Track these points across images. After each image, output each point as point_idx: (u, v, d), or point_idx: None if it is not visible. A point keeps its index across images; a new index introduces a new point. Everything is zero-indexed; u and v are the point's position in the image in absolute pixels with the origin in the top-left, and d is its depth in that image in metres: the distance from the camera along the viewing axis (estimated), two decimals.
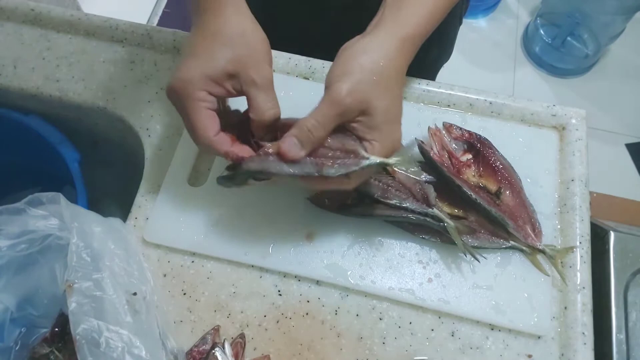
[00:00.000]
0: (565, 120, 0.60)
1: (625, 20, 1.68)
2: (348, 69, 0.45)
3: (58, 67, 0.64)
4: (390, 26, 0.47)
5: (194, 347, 0.48)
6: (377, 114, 0.44)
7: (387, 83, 0.45)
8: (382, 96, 0.45)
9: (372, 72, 0.44)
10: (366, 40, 0.47)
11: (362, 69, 0.44)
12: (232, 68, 0.45)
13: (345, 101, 0.43)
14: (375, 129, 0.45)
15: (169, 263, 0.54)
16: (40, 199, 0.48)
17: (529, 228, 0.53)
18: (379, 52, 0.45)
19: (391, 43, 0.46)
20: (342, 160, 0.45)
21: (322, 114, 0.44)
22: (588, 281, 0.52)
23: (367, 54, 0.45)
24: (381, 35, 0.47)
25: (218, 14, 0.47)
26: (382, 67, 0.45)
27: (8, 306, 0.53)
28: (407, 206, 0.51)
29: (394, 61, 0.46)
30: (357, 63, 0.45)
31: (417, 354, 0.50)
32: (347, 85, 0.44)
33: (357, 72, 0.44)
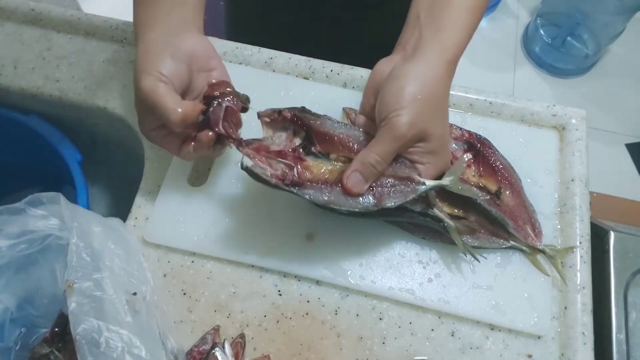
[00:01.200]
0: (565, 120, 0.60)
1: (625, 20, 1.68)
2: (405, 101, 0.45)
3: (58, 67, 0.64)
4: (435, 49, 0.48)
5: (194, 347, 0.48)
6: (434, 140, 0.46)
7: (441, 109, 0.48)
8: (438, 123, 0.47)
9: (429, 102, 0.45)
10: (414, 67, 0.47)
11: (418, 100, 0.45)
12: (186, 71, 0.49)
13: (407, 135, 0.45)
14: (431, 154, 0.47)
15: (169, 263, 0.54)
16: (40, 199, 0.48)
17: (529, 228, 0.53)
18: (431, 80, 0.46)
19: (440, 68, 0.47)
20: (399, 188, 0.46)
21: (384, 150, 0.45)
22: (588, 281, 0.52)
23: (420, 83, 0.46)
24: (428, 59, 0.47)
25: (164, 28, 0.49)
26: (436, 94, 0.46)
27: (8, 306, 0.53)
28: (407, 206, 0.51)
29: (444, 85, 0.47)
30: (412, 93, 0.45)
31: (417, 354, 0.50)
32: (407, 119, 0.44)
33: (414, 103, 0.45)
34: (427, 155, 0.47)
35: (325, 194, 0.45)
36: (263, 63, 0.63)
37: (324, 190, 0.45)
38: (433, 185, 0.46)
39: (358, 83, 0.62)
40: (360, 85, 0.61)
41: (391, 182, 0.46)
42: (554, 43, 1.84)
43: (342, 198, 0.45)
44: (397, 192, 0.45)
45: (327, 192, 0.45)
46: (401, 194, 0.45)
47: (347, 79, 0.62)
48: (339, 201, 0.45)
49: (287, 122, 0.48)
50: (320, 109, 0.58)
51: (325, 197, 0.45)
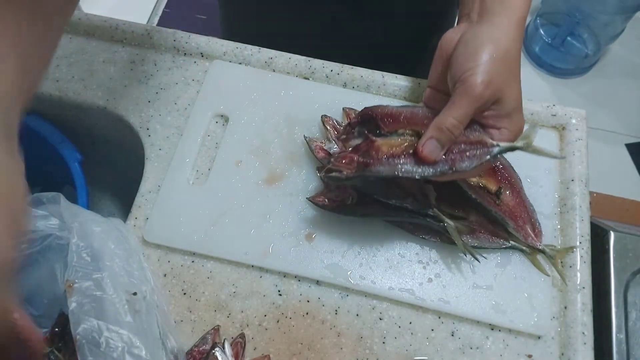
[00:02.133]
0: (565, 120, 0.60)
1: (625, 20, 1.68)
2: (480, 61, 0.44)
3: (58, 67, 0.64)
4: (502, 10, 0.47)
5: (194, 347, 0.48)
6: (509, 102, 0.45)
7: (515, 69, 0.46)
8: (513, 83, 0.45)
9: (503, 61, 0.45)
10: (485, 29, 0.46)
11: (493, 59, 0.44)
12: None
13: (484, 94, 0.44)
14: (506, 117, 0.45)
15: (169, 263, 0.54)
16: (40, 199, 0.48)
17: (529, 228, 0.53)
18: (503, 39, 0.45)
19: (510, 27, 0.46)
20: (472, 152, 0.45)
21: (462, 111, 0.44)
22: (588, 281, 0.52)
23: (493, 43, 0.45)
24: (497, 21, 0.46)
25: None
26: (510, 54, 0.45)
27: None
28: (407, 206, 0.51)
29: (516, 45, 0.46)
30: (486, 53, 0.44)
31: (417, 354, 0.50)
32: (484, 78, 0.43)
33: (489, 62, 0.44)
34: (502, 119, 0.45)
35: (397, 166, 0.45)
36: (263, 63, 0.63)
37: (395, 162, 0.46)
38: (507, 146, 0.45)
39: (358, 83, 0.62)
40: (360, 85, 0.62)
41: (463, 147, 0.45)
42: (553, 43, 1.84)
43: (415, 166, 0.45)
44: (471, 155, 0.45)
45: (399, 164, 0.45)
46: (475, 158, 0.45)
47: (347, 79, 0.62)
48: (412, 170, 0.45)
49: (357, 125, 0.51)
50: (320, 109, 0.58)
51: (397, 170, 0.45)
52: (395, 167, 0.45)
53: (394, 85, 0.61)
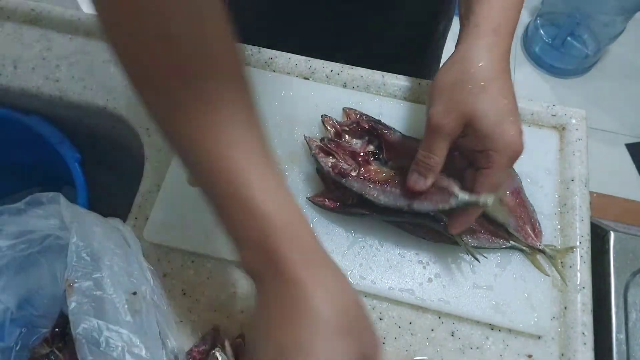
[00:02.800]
0: (565, 120, 0.60)
1: (625, 20, 1.68)
2: (438, 89, 0.44)
3: (58, 67, 0.64)
4: (470, 27, 0.45)
5: (194, 347, 0.48)
6: (480, 122, 0.42)
7: (482, 85, 0.43)
8: (480, 101, 0.42)
9: (460, 83, 0.43)
10: (453, 54, 0.46)
11: (450, 84, 0.43)
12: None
13: (443, 124, 0.43)
14: (485, 137, 0.42)
15: (169, 263, 0.54)
16: (40, 199, 0.48)
17: (529, 228, 0.53)
18: (464, 58, 0.44)
19: (477, 44, 0.44)
20: (433, 197, 0.47)
21: (428, 143, 0.45)
22: (588, 281, 0.52)
23: (454, 65, 0.45)
24: (466, 41, 0.45)
25: (286, 278, 0.33)
26: (473, 72, 0.43)
27: (8, 306, 0.53)
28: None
29: (483, 59, 0.43)
30: (445, 79, 0.44)
31: (417, 354, 0.50)
32: (440, 107, 0.43)
33: (446, 88, 0.44)
34: (482, 142, 0.42)
35: (368, 188, 0.50)
36: (263, 63, 0.63)
37: (368, 185, 0.50)
38: (464, 200, 0.45)
39: (358, 83, 0.62)
40: (360, 85, 0.61)
41: (432, 190, 0.48)
42: (554, 43, 1.84)
43: (381, 195, 0.50)
44: (431, 199, 0.48)
45: (370, 187, 0.50)
46: (433, 202, 0.48)
47: (347, 79, 0.62)
48: (376, 196, 0.50)
49: (364, 131, 0.55)
50: (320, 109, 0.58)
51: (366, 191, 0.50)
52: (365, 188, 0.50)
53: (394, 85, 0.61)
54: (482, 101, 0.42)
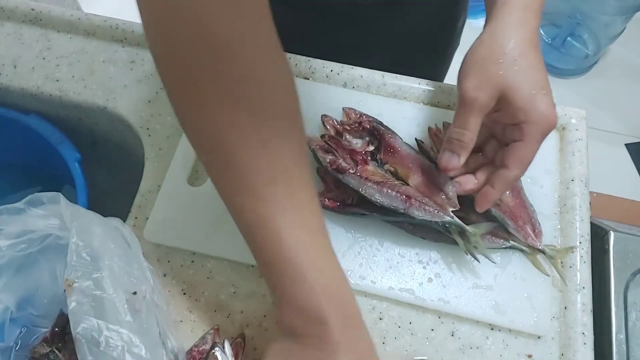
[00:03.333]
0: (565, 120, 0.60)
1: (625, 20, 1.68)
2: (469, 64, 0.44)
3: (58, 67, 0.64)
4: (501, 8, 0.46)
5: (194, 347, 0.48)
6: (514, 94, 0.43)
7: (514, 59, 0.43)
8: (512, 75, 0.43)
9: (493, 57, 0.43)
10: (483, 33, 0.46)
11: (482, 59, 0.44)
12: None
13: (477, 99, 0.43)
14: (519, 110, 0.43)
15: (169, 263, 0.54)
16: (40, 199, 0.48)
17: (529, 228, 0.53)
18: (495, 34, 0.44)
19: (507, 20, 0.45)
20: (429, 209, 0.50)
21: (462, 120, 0.45)
22: (588, 281, 0.52)
23: (485, 42, 0.45)
24: (495, 18, 0.45)
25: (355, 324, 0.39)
26: (502, 46, 0.44)
27: (8, 306, 0.53)
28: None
29: (514, 34, 0.44)
30: (477, 54, 0.44)
31: (417, 354, 0.50)
32: (472, 82, 0.43)
33: (478, 63, 0.44)
34: (515, 115, 0.43)
35: (365, 186, 0.51)
36: None
37: (366, 183, 0.51)
38: (455, 222, 0.49)
39: (358, 83, 0.62)
40: (360, 85, 0.62)
41: (427, 201, 0.50)
42: (554, 43, 1.84)
43: (377, 193, 0.50)
44: (427, 210, 0.50)
45: (368, 185, 0.51)
46: (428, 214, 0.50)
47: (347, 79, 0.62)
48: (373, 194, 0.50)
49: (366, 131, 0.56)
50: (320, 109, 0.58)
51: (363, 188, 0.50)
52: (362, 185, 0.51)
53: (394, 85, 0.61)
54: (516, 74, 0.43)
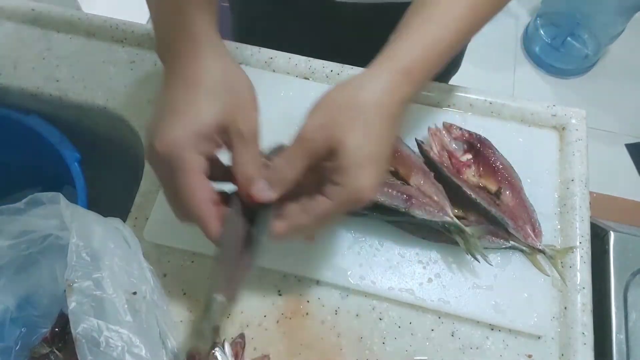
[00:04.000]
0: (565, 120, 0.60)
1: (625, 20, 1.68)
2: (323, 104, 0.41)
3: (58, 67, 0.64)
4: (382, 60, 0.43)
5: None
6: (346, 153, 0.39)
7: (366, 119, 0.40)
8: (356, 133, 0.39)
9: (349, 107, 0.40)
10: (357, 76, 0.43)
11: (337, 104, 0.41)
12: (221, 120, 0.41)
13: (312, 137, 0.40)
14: (341, 171, 0.39)
15: (169, 263, 0.54)
16: (40, 199, 0.48)
17: (529, 228, 0.53)
18: (362, 87, 0.41)
19: (380, 77, 0.42)
20: (430, 209, 0.50)
21: (290, 153, 0.41)
22: (588, 281, 0.52)
23: (346, 89, 0.41)
24: (374, 69, 0.43)
25: (195, 59, 0.42)
26: (363, 102, 0.40)
27: (8, 306, 0.53)
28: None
29: (379, 96, 0.41)
30: (334, 97, 0.41)
31: (417, 354, 0.50)
32: (317, 121, 0.40)
33: (331, 106, 0.41)
34: (336, 173, 0.39)
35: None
36: (263, 63, 0.63)
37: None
38: (455, 223, 0.50)
39: None
40: None
41: (427, 201, 0.51)
42: (553, 43, 1.84)
43: (378, 193, 0.49)
44: (428, 210, 0.50)
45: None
46: (428, 214, 0.50)
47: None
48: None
49: None
50: None
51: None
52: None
53: None
54: (358, 137, 0.39)
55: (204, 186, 0.41)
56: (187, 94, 0.41)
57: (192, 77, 0.42)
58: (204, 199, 0.41)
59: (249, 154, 0.42)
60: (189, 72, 0.42)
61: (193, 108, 0.40)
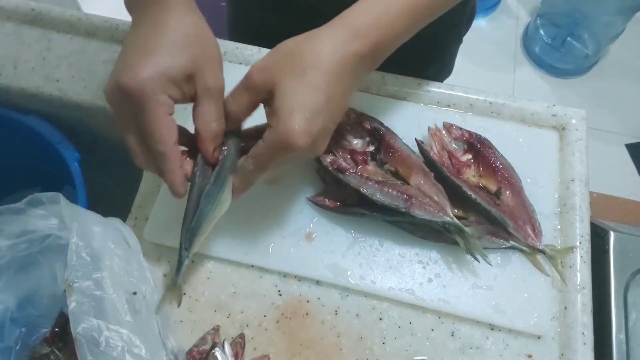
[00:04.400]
0: (565, 120, 0.60)
1: (625, 20, 1.68)
2: (273, 50, 0.43)
3: (58, 67, 0.64)
4: (335, 19, 0.44)
5: (194, 347, 0.48)
6: (280, 97, 0.41)
7: (304, 67, 0.41)
8: (292, 79, 0.41)
9: (292, 55, 0.42)
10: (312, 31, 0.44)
11: (283, 51, 0.42)
12: (190, 69, 0.42)
13: (253, 76, 0.42)
14: (274, 114, 0.41)
15: (169, 263, 0.54)
16: (40, 199, 0.48)
17: (529, 228, 0.53)
18: (310, 38, 0.43)
19: (328, 32, 0.43)
20: (430, 209, 0.50)
21: (235, 90, 0.44)
22: (588, 281, 0.52)
23: (297, 39, 0.43)
24: (323, 26, 0.44)
25: (167, 8, 0.42)
26: (305, 50, 0.42)
27: (8, 306, 0.53)
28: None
29: (323, 48, 0.42)
30: (283, 44, 0.43)
31: (417, 354, 0.50)
32: (262, 63, 0.42)
33: (277, 52, 0.43)
34: (271, 115, 0.41)
35: (366, 185, 0.51)
36: None
37: (367, 182, 0.51)
38: (455, 223, 0.50)
39: None
40: (360, 86, 0.61)
41: (427, 201, 0.50)
42: (554, 43, 1.84)
43: (377, 192, 0.50)
44: (428, 210, 0.50)
45: (369, 184, 0.51)
46: (429, 214, 0.50)
47: None
48: (373, 193, 0.50)
49: (366, 131, 0.55)
50: None
51: (364, 187, 0.51)
52: (363, 185, 0.51)
53: (394, 85, 0.61)
54: (292, 83, 0.41)
55: (173, 127, 0.42)
56: (157, 38, 0.41)
57: (164, 23, 0.42)
58: (173, 141, 0.42)
59: (213, 108, 0.43)
60: (161, 18, 0.42)
61: (164, 51, 0.41)
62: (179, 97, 0.42)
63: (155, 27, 0.42)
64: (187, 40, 0.42)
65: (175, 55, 0.41)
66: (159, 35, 0.41)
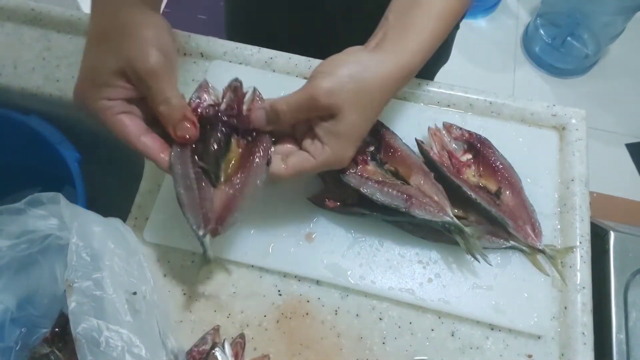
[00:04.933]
0: (565, 120, 0.60)
1: (625, 20, 1.68)
2: (337, 72, 0.45)
3: (58, 67, 0.64)
4: (391, 49, 0.47)
5: (194, 347, 0.48)
6: (344, 124, 0.44)
7: (367, 102, 0.45)
8: (357, 111, 0.45)
9: (358, 85, 0.44)
10: (366, 55, 0.47)
11: (350, 78, 0.44)
12: (117, 67, 0.43)
13: (321, 99, 0.44)
14: (334, 136, 0.45)
15: (169, 263, 0.54)
16: (40, 199, 0.48)
17: (529, 228, 0.53)
18: (373, 71, 0.45)
19: (388, 67, 0.46)
20: (430, 209, 0.50)
21: (296, 103, 0.45)
22: (588, 281, 0.52)
23: (361, 67, 0.45)
24: (381, 56, 0.47)
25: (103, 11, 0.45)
26: (370, 85, 0.45)
27: (8, 306, 0.53)
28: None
29: (384, 84, 0.46)
30: (348, 70, 0.45)
31: (417, 354, 0.50)
32: (329, 85, 0.44)
33: (344, 77, 0.44)
34: (329, 136, 0.45)
35: (366, 185, 0.51)
36: (263, 63, 0.63)
37: (365, 182, 0.51)
38: (455, 224, 0.50)
39: None
40: None
41: (427, 201, 0.50)
42: (554, 43, 1.84)
43: (377, 192, 0.50)
44: (428, 210, 0.50)
45: (368, 184, 0.51)
46: (428, 213, 0.50)
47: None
48: (373, 193, 0.50)
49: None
50: None
51: (364, 187, 0.51)
52: (363, 184, 0.51)
53: None
54: (357, 113, 0.45)
55: (130, 124, 0.45)
56: (89, 46, 0.45)
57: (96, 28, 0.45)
58: (136, 135, 0.45)
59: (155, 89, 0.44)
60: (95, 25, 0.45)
61: (91, 59, 0.44)
62: (124, 94, 0.44)
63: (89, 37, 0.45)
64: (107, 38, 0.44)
65: (100, 59, 0.44)
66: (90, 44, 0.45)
